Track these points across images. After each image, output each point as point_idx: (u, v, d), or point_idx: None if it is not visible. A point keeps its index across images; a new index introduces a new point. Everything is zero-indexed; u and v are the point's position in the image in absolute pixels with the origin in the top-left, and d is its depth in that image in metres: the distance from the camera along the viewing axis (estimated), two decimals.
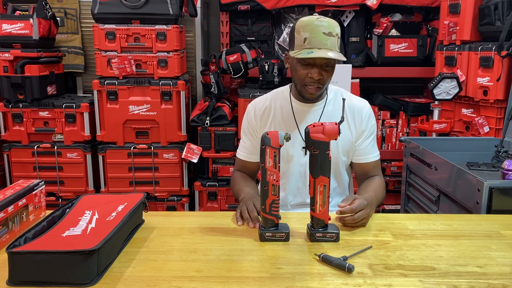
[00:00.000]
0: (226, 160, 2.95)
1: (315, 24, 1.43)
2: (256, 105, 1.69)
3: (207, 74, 2.91)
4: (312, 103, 1.61)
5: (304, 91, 1.53)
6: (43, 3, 2.89)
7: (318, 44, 1.42)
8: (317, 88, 1.51)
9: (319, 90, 1.51)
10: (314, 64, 1.46)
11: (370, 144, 1.65)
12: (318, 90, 1.51)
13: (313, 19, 1.44)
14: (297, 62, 1.49)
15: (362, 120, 1.62)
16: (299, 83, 1.53)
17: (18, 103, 2.85)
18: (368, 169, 1.66)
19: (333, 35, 1.43)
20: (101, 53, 2.79)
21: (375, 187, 1.57)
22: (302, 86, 1.53)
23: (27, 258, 0.97)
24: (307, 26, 1.44)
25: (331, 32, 1.43)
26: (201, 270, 1.06)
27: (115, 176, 2.95)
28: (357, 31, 3.11)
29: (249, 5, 3.02)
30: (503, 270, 1.07)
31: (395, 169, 3.14)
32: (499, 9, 2.39)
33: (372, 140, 1.66)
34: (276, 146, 1.18)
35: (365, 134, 1.63)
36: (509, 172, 1.87)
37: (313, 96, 1.55)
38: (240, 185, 1.64)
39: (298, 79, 1.52)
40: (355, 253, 1.14)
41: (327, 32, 1.42)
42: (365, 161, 1.65)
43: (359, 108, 1.63)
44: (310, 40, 1.42)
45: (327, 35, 1.42)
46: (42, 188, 1.36)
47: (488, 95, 2.48)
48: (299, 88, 1.55)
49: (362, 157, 1.65)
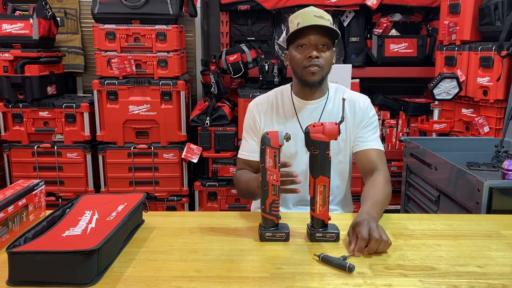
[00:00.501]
0: (226, 160, 2.95)
1: (306, 11, 1.53)
2: (259, 102, 1.70)
3: (207, 74, 2.91)
4: (314, 100, 1.62)
5: (305, 74, 1.54)
6: (43, 3, 2.89)
7: (310, 22, 1.48)
8: (317, 68, 1.52)
9: (319, 71, 1.53)
10: (309, 44, 1.51)
11: (370, 133, 1.61)
12: (319, 71, 1.52)
13: (306, 8, 1.54)
14: (294, 49, 1.54)
15: (359, 110, 1.62)
16: (299, 68, 1.55)
17: (18, 103, 2.85)
18: (370, 158, 1.56)
19: (324, 19, 1.50)
20: (101, 53, 2.79)
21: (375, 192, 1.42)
22: (302, 71, 1.54)
23: (27, 258, 0.97)
24: (299, 14, 1.53)
25: (323, 16, 1.51)
26: (201, 270, 1.06)
27: (115, 176, 2.95)
28: (357, 31, 3.11)
29: (249, 5, 3.03)
30: (503, 270, 1.07)
31: (395, 169, 3.13)
32: (499, 9, 2.39)
33: (372, 130, 1.62)
34: (276, 146, 1.18)
35: (363, 124, 1.62)
36: (509, 172, 1.87)
37: (315, 78, 1.54)
38: (246, 177, 1.56)
39: (298, 65, 1.54)
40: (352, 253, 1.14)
41: (318, 15, 1.50)
42: (365, 147, 1.58)
43: (356, 100, 1.64)
44: (303, 22, 1.49)
45: (319, 17, 1.49)
46: (42, 188, 1.36)
47: (488, 95, 2.48)
48: (300, 75, 1.56)
49: (362, 143, 1.60)
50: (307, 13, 1.51)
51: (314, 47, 1.50)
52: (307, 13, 1.51)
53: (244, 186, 1.57)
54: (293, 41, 1.54)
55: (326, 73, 1.57)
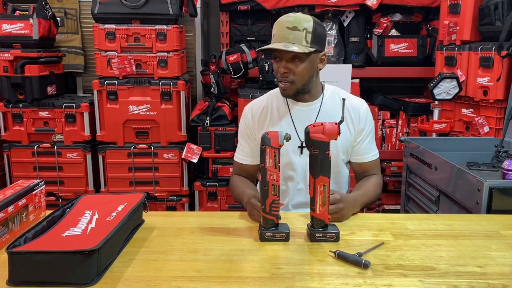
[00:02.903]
0: (226, 160, 2.95)
1: (282, 20, 1.49)
2: (253, 106, 1.70)
3: (207, 74, 2.91)
4: (307, 102, 1.62)
5: (279, 87, 1.57)
6: (43, 3, 2.89)
7: (280, 38, 1.47)
8: (287, 84, 1.52)
9: (290, 86, 1.52)
10: (281, 58, 1.51)
11: (369, 143, 1.66)
12: (289, 86, 1.52)
13: (284, 16, 1.50)
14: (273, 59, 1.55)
15: (360, 119, 1.63)
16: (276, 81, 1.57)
17: (18, 103, 2.85)
18: (367, 168, 1.67)
19: (298, 29, 1.46)
20: (101, 53, 2.79)
21: (367, 187, 1.58)
22: (278, 83, 1.56)
23: (27, 258, 0.97)
24: (277, 23, 1.50)
25: (296, 27, 1.46)
26: (201, 270, 1.06)
27: (115, 176, 2.95)
28: (357, 31, 3.11)
29: (249, 5, 3.03)
30: (503, 270, 1.07)
31: (395, 169, 3.14)
32: (499, 9, 2.39)
33: (371, 139, 1.66)
34: (276, 146, 1.18)
35: (364, 133, 1.64)
36: (509, 172, 1.87)
37: (287, 93, 1.56)
38: (240, 189, 1.62)
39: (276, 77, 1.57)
40: (368, 250, 1.15)
41: (291, 27, 1.46)
42: (364, 160, 1.66)
43: (357, 106, 1.64)
44: (276, 35, 1.49)
45: (291, 29, 1.46)
46: (42, 188, 1.36)
47: (488, 95, 2.48)
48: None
49: (361, 156, 1.66)
50: (281, 24, 1.48)
51: (284, 60, 1.50)
52: (281, 25, 1.47)
53: (236, 197, 1.65)
54: None
55: (303, 84, 1.54)
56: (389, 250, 1.17)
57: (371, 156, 1.66)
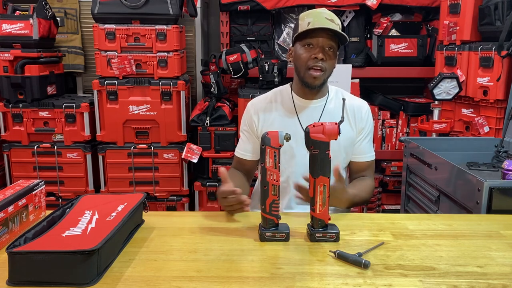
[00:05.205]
0: (226, 160, 2.95)
1: (318, 11, 1.54)
2: (257, 102, 1.71)
3: (207, 74, 2.91)
4: (314, 99, 1.62)
5: (307, 76, 1.55)
6: (43, 3, 2.89)
7: (321, 24, 1.49)
8: (320, 72, 1.53)
9: (321, 74, 1.54)
10: (317, 45, 1.51)
11: (367, 144, 1.68)
12: (321, 74, 1.53)
13: (316, 9, 1.57)
14: (301, 47, 1.54)
15: (361, 118, 1.65)
16: (302, 68, 1.56)
17: (18, 103, 2.85)
18: (362, 168, 1.69)
19: (335, 23, 1.51)
20: (101, 53, 2.79)
21: (362, 187, 1.60)
22: (305, 71, 1.55)
23: (27, 258, 0.97)
24: (311, 13, 1.53)
25: (333, 20, 1.52)
26: (201, 270, 1.06)
27: (115, 176, 2.95)
28: (357, 31, 3.11)
29: (249, 5, 3.03)
30: (503, 270, 1.07)
31: (395, 169, 3.14)
32: (499, 9, 2.39)
33: (369, 140, 1.69)
34: (276, 146, 1.18)
35: (364, 133, 1.66)
36: (509, 172, 1.87)
37: (316, 82, 1.55)
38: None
39: (302, 64, 1.55)
40: (368, 250, 1.15)
41: (330, 18, 1.51)
42: (361, 160, 1.68)
43: (359, 106, 1.67)
44: (313, 23, 1.50)
45: (330, 20, 1.50)
46: (42, 188, 1.35)
47: (488, 95, 2.48)
48: (302, 75, 1.57)
49: (359, 155, 1.68)
50: (319, 13, 1.52)
51: (321, 49, 1.52)
52: (319, 14, 1.52)
53: None
54: (301, 39, 1.55)
55: (328, 76, 1.59)
56: (389, 250, 1.17)
57: (368, 156, 1.68)
